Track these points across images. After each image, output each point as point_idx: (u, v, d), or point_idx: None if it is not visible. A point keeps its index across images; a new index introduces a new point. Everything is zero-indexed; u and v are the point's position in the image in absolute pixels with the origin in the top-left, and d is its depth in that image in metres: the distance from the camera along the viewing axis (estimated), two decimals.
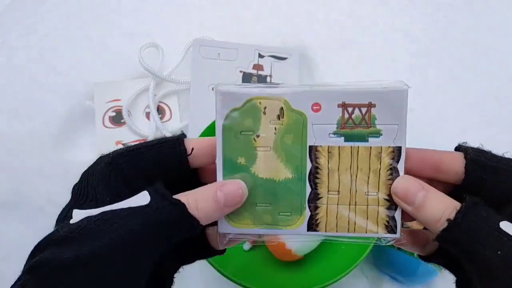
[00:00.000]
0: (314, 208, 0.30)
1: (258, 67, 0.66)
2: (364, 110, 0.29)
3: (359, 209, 0.30)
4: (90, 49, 0.68)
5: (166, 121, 0.64)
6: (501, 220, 0.24)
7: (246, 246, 0.54)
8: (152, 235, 0.24)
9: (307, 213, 0.30)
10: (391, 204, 0.29)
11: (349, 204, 0.30)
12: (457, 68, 0.67)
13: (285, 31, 0.69)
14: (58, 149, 0.61)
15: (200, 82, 0.64)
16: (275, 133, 0.30)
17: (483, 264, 0.24)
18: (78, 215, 0.25)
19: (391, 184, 0.29)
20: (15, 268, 0.26)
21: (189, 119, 0.63)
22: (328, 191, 0.30)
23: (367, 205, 0.30)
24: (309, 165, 0.30)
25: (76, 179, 0.63)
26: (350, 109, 0.29)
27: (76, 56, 0.67)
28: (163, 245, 0.25)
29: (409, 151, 0.29)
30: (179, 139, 0.28)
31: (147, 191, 0.25)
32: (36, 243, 0.25)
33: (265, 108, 0.29)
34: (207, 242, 0.30)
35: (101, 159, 0.28)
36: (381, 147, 0.30)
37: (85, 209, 0.25)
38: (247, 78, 0.65)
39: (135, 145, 0.28)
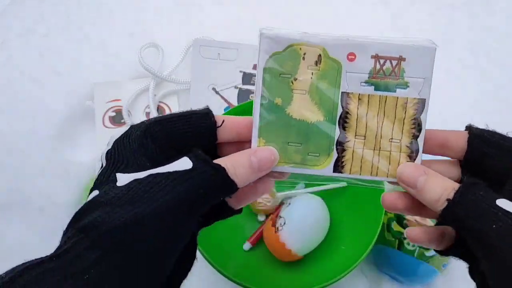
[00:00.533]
0: (341, 150, 0.32)
1: None
2: (394, 62, 0.32)
3: (382, 154, 0.32)
4: (90, 49, 0.68)
5: None
6: (498, 198, 0.26)
7: (246, 246, 0.54)
8: (198, 197, 0.25)
9: (334, 155, 0.32)
10: (412, 152, 0.32)
11: (374, 149, 0.32)
12: (457, 68, 0.67)
13: None
14: (58, 149, 0.61)
15: (200, 82, 0.64)
16: (311, 78, 0.32)
17: (481, 238, 0.25)
18: (124, 178, 0.26)
19: (413, 133, 0.32)
20: None
21: None
22: (356, 135, 0.32)
23: (390, 151, 0.32)
24: (340, 110, 0.32)
25: (76, 179, 0.63)
26: (382, 61, 0.32)
27: (76, 56, 0.67)
28: (205, 207, 0.26)
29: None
30: (209, 112, 0.30)
31: (188, 157, 0.26)
32: (36, 242, 0.25)
33: (304, 54, 0.32)
34: (225, 204, 0.31)
35: (134, 127, 0.29)
36: (407, 98, 0.32)
37: (127, 172, 0.26)
38: (247, 78, 0.65)
39: (167, 115, 0.29)
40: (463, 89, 0.66)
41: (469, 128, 0.31)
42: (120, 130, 0.29)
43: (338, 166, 0.32)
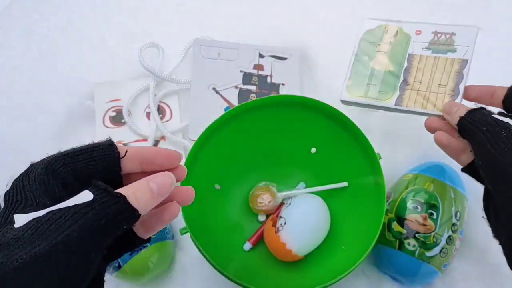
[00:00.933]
0: (402, 90, 0.49)
1: (258, 67, 0.66)
2: (448, 36, 0.50)
3: (432, 94, 0.48)
4: (90, 49, 0.68)
5: (167, 121, 0.64)
6: (494, 115, 0.37)
7: (247, 246, 0.54)
8: (101, 228, 0.25)
9: (397, 93, 0.49)
10: (454, 94, 0.47)
11: (425, 90, 0.48)
12: None
13: (285, 31, 0.69)
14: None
15: (201, 82, 0.64)
16: (390, 44, 0.52)
17: (476, 140, 0.37)
18: (22, 219, 0.25)
19: (457, 81, 0.47)
20: None
21: (190, 119, 0.63)
22: (414, 80, 0.49)
23: (438, 92, 0.47)
24: (405, 64, 0.50)
25: None
26: (439, 35, 0.50)
27: (76, 56, 0.67)
28: (109, 238, 0.26)
29: (471, 87, 0.45)
30: (112, 144, 0.30)
31: (88, 189, 0.26)
32: None
33: (387, 30, 0.52)
34: (133, 234, 0.31)
35: (35, 165, 0.29)
36: (454, 58, 0.49)
37: (26, 213, 0.25)
38: (247, 78, 0.65)
39: (70, 149, 0.30)
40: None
41: None
42: (19, 170, 0.29)
43: (398, 101, 0.49)
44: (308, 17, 0.70)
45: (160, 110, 0.64)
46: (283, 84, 0.65)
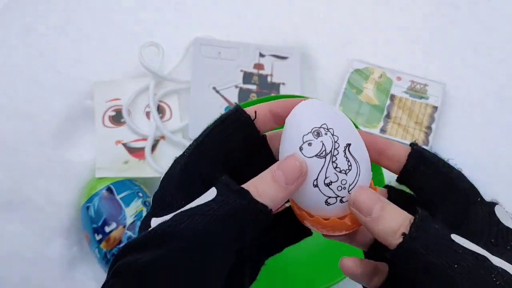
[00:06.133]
0: (386, 122, 0.61)
1: (258, 66, 0.65)
2: (422, 86, 0.63)
3: (410, 130, 0.60)
4: (90, 48, 0.67)
5: (166, 120, 0.64)
6: (451, 233, 0.24)
7: None
8: (222, 229, 0.23)
9: (382, 123, 0.61)
10: (428, 132, 0.60)
11: (405, 126, 0.61)
12: (458, 67, 0.67)
13: (286, 30, 0.69)
14: (58, 149, 0.61)
15: (201, 81, 0.64)
16: (375, 83, 0.63)
17: (444, 277, 0.23)
18: (155, 222, 0.25)
19: (430, 122, 0.60)
20: (15, 268, 0.26)
21: (190, 118, 0.62)
22: (395, 116, 0.61)
23: (415, 128, 0.60)
24: (388, 102, 0.62)
25: (76, 178, 0.63)
26: (415, 84, 0.63)
27: (76, 55, 0.67)
28: (238, 238, 0.24)
29: (360, 134, 0.28)
30: (238, 109, 0.28)
31: (215, 185, 0.25)
32: (35, 242, 0.25)
33: (373, 72, 0.64)
34: (295, 224, 0.28)
35: (177, 162, 0.28)
36: (427, 104, 0.62)
37: (162, 216, 0.26)
38: (248, 77, 0.65)
39: (201, 137, 0.28)
40: (464, 89, 0.66)
41: (412, 144, 0.29)
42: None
43: (382, 130, 0.60)
44: (309, 17, 0.70)
45: (160, 110, 0.64)
46: (283, 84, 0.65)
